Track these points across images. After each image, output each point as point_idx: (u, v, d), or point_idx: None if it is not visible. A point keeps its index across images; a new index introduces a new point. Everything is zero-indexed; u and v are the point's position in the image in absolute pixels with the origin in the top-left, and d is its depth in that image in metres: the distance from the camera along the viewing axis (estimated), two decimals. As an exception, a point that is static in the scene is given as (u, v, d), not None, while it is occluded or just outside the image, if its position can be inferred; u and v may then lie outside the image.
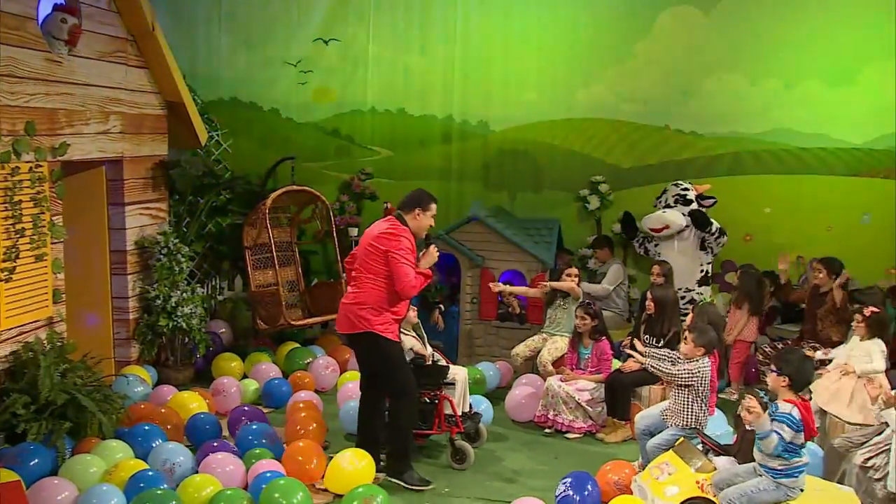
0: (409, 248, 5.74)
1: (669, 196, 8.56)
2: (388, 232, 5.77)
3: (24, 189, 6.09)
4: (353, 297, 5.82)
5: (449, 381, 6.30)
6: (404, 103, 9.75)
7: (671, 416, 5.81)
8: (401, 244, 5.71)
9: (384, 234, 5.76)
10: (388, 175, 9.80)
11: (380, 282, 5.71)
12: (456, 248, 8.61)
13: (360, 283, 5.79)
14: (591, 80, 9.36)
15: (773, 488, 4.80)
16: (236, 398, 7.10)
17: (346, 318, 5.82)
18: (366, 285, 5.75)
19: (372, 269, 5.73)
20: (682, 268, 8.34)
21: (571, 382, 6.97)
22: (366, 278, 5.75)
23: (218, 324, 8.93)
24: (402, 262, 5.65)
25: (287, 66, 9.87)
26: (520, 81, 9.49)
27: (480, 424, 6.62)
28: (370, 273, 5.73)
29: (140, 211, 7.76)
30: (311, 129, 9.95)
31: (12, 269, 6.03)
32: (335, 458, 5.66)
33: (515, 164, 9.60)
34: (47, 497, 4.98)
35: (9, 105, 6.00)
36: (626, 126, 9.36)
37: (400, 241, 5.72)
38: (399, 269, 5.65)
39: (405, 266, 5.66)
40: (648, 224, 8.50)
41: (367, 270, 5.75)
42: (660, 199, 8.64)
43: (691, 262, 8.48)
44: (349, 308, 5.79)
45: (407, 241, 5.75)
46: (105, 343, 7.58)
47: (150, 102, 7.85)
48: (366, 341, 5.78)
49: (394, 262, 5.65)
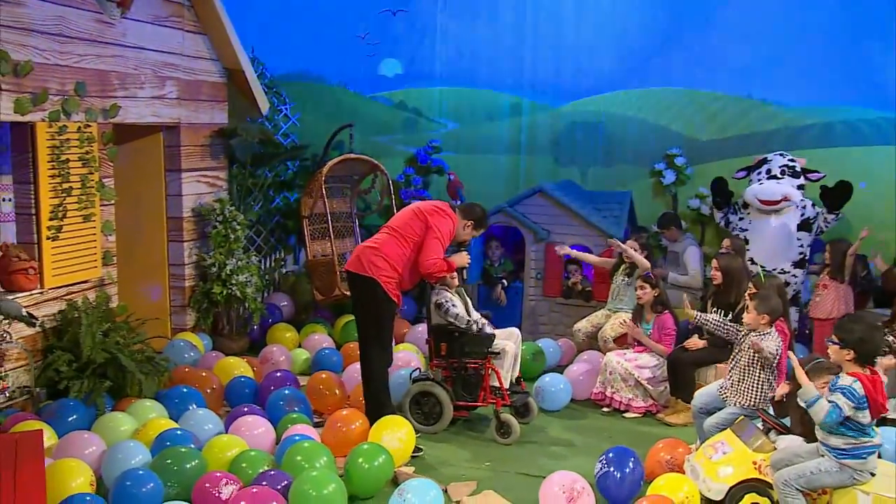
0: (448, 233, 5.81)
1: (775, 167, 7.87)
2: (440, 209, 5.84)
3: (72, 149, 6.08)
4: (373, 241, 5.81)
5: (495, 350, 5.98)
6: (473, 75, 9.46)
7: (731, 394, 5.34)
8: (444, 223, 5.77)
9: (435, 208, 5.83)
10: (455, 149, 9.53)
11: (407, 245, 5.73)
12: (520, 221, 8.28)
13: (387, 234, 5.78)
14: (668, 48, 8.85)
15: (835, 470, 4.30)
16: (285, 367, 6.97)
17: (358, 258, 5.77)
18: (391, 240, 5.74)
19: (406, 231, 5.74)
20: (777, 247, 7.75)
21: (631, 359, 6.55)
22: (395, 235, 5.74)
23: (280, 297, 8.88)
24: (438, 238, 5.69)
25: (355, 38, 9.73)
26: (593, 50, 9.05)
27: (530, 399, 6.29)
28: (404, 232, 5.73)
29: (197, 178, 7.73)
30: (378, 103, 9.77)
31: (59, 228, 6.04)
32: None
33: (587, 138, 9.17)
34: (75, 449, 4.93)
35: (58, 64, 6.00)
36: (705, 96, 8.81)
37: (445, 221, 5.79)
38: (432, 243, 5.68)
39: (439, 243, 5.71)
40: (763, 195, 7.73)
41: (399, 229, 5.75)
42: (759, 172, 7.94)
43: (787, 242, 7.80)
44: (364, 250, 5.78)
45: (450, 225, 5.82)
46: (162, 309, 7.59)
47: (208, 69, 7.81)
48: (366, 287, 5.69)
49: (430, 235, 5.69)
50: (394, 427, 5.39)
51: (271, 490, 4.45)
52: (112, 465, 4.81)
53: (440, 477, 5.30)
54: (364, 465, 4.90)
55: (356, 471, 4.89)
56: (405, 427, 5.43)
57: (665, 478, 4.85)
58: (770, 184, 7.77)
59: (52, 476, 4.55)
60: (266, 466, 4.84)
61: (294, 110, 9.63)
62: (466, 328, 5.96)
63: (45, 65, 5.88)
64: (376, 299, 5.69)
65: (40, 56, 5.84)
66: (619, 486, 4.89)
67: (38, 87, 5.81)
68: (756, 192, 7.81)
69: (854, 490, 4.32)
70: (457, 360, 6.01)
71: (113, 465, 4.81)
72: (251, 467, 4.81)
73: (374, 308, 5.73)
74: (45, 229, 5.94)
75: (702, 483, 4.82)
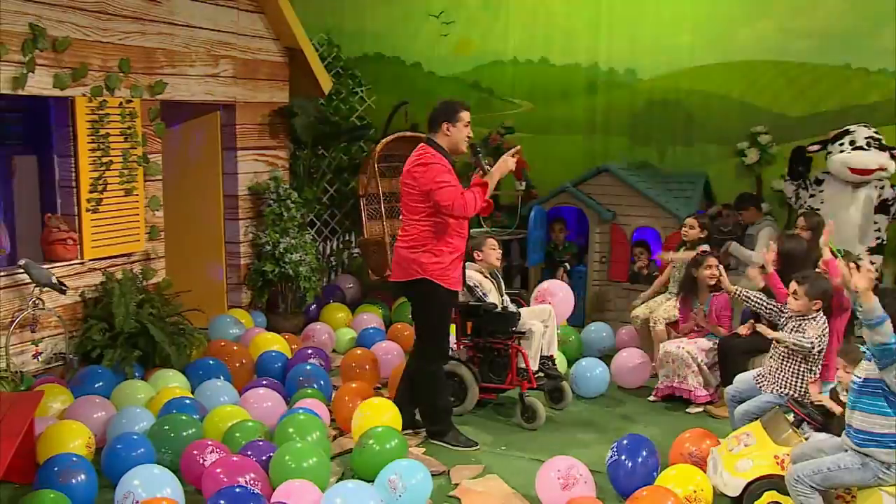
0: (445, 172, 5.01)
1: (859, 138, 7.12)
2: (418, 164, 5.06)
3: (112, 123, 6.22)
4: (402, 241, 5.22)
5: (520, 330, 5.67)
6: (546, 52, 9.10)
7: (767, 382, 4.84)
8: (434, 171, 4.98)
9: (414, 168, 5.08)
10: (528, 129, 9.19)
11: (424, 220, 5.08)
12: (583, 202, 7.90)
13: (407, 225, 5.20)
14: (755, 16, 8.20)
15: (857, 466, 3.77)
16: (327, 345, 6.90)
17: (397, 264, 5.24)
18: (413, 228, 5.14)
19: (413, 209, 5.12)
20: (853, 228, 7.04)
21: (692, 341, 6.06)
22: (410, 219, 5.16)
23: (347, 278, 8.86)
24: (440, 187, 4.93)
25: (429, 17, 9.58)
26: (672, 22, 8.51)
27: (564, 383, 5.94)
28: (413, 214, 5.13)
29: (255, 157, 7.79)
30: (452, 83, 9.56)
31: (99, 201, 6.19)
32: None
33: (665, 116, 8.62)
34: (83, 413, 5.02)
35: (99, 41, 6.15)
36: (797, 67, 8.10)
37: (430, 169, 5.00)
38: (441, 195, 4.92)
39: (446, 187, 4.94)
40: (854, 163, 7.00)
41: (409, 211, 5.16)
42: (841, 143, 7.19)
43: (865, 223, 7.12)
44: (400, 253, 5.20)
45: (441, 167, 5.01)
46: (219, 286, 7.69)
47: (267, 48, 7.85)
48: (419, 288, 5.15)
49: (434, 195, 4.95)
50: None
51: (251, 460, 4.36)
52: (115, 429, 4.86)
53: (451, 459, 5.07)
54: (374, 447, 4.67)
55: (365, 452, 4.68)
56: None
57: (677, 468, 4.43)
58: (859, 153, 7.05)
59: (53, 436, 4.66)
60: (259, 437, 4.76)
61: (370, 92, 9.61)
62: (491, 308, 5.68)
63: (86, 41, 6.04)
64: (434, 298, 5.15)
65: (80, 32, 5.99)
66: (630, 475, 4.50)
67: (78, 62, 5.96)
68: (846, 159, 7.04)
69: (879, 491, 3.78)
70: (482, 339, 5.74)
71: (116, 429, 4.85)
72: (244, 437, 4.74)
73: (436, 308, 5.21)
74: (85, 202, 6.10)
75: (718, 477, 4.37)
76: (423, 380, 5.36)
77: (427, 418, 5.45)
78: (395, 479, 4.21)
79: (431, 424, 5.41)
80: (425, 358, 5.34)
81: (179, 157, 7.55)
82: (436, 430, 5.38)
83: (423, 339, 5.37)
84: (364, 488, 4.01)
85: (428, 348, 5.32)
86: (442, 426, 5.36)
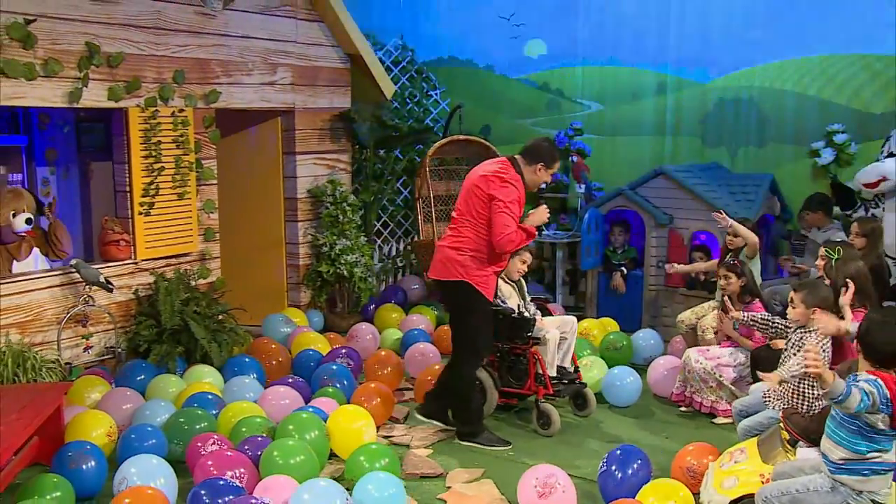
0: (516, 199, 5.11)
1: (893, 143, 6.78)
2: (497, 175, 5.15)
3: (164, 131, 6.59)
4: (451, 240, 5.27)
5: (536, 336, 5.63)
6: (615, 53, 8.95)
7: (773, 397, 4.62)
8: (508, 191, 5.08)
9: (492, 175, 5.15)
10: (597, 131, 9.07)
11: (482, 228, 5.13)
12: (640, 206, 7.71)
13: (460, 226, 5.24)
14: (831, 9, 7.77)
15: (826, 489, 3.58)
16: (371, 345, 7.06)
17: (441, 262, 5.30)
18: (466, 230, 5.18)
19: (473, 213, 5.15)
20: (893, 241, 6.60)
21: (713, 357, 5.85)
22: (466, 222, 5.19)
23: (412, 280, 9.01)
24: (505, 210, 5.02)
25: (501, 20, 9.59)
26: (745, 17, 8.18)
27: (587, 390, 5.85)
28: (471, 217, 5.16)
29: (314, 161, 8.05)
30: (522, 85, 9.55)
31: (151, 205, 6.58)
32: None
33: (737, 116, 8.31)
34: (113, 404, 5.36)
35: (153, 55, 6.53)
36: (883, 60, 7.60)
37: (507, 188, 5.09)
38: (499, 218, 5.02)
39: (507, 216, 5.02)
40: (862, 178, 6.75)
41: (467, 213, 5.19)
42: (881, 152, 6.87)
43: None
44: (445, 252, 5.27)
45: (515, 191, 5.12)
46: (279, 286, 8.01)
47: (327, 55, 8.08)
48: (458, 291, 5.24)
49: (496, 209, 5.04)
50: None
51: (243, 455, 4.56)
52: (137, 420, 5.18)
53: (453, 463, 5.11)
54: (365, 465, 4.63)
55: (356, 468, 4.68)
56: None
57: (660, 482, 4.31)
58: (874, 164, 6.71)
59: (78, 424, 5.00)
60: (264, 433, 4.95)
61: (444, 95, 9.75)
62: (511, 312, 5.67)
63: (140, 55, 6.42)
64: (473, 303, 5.21)
65: (135, 48, 6.38)
66: (618, 486, 4.42)
67: (132, 75, 6.36)
68: (857, 177, 6.87)
69: (849, 518, 3.56)
70: (501, 344, 5.74)
71: (138, 420, 5.17)
72: (249, 432, 4.94)
73: (474, 314, 5.27)
74: (137, 205, 6.50)
75: (707, 493, 4.22)
76: (457, 382, 5.43)
77: (459, 419, 5.51)
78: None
79: (463, 425, 5.47)
80: (460, 360, 5.42)
81: (242, 161, 7.90)
82: (467, 431, 5.44)
83: (457, 341, 5.44)
84: (333, 486, 4.11)
85: (462, 351, 5.39)
86: (474, 427, 5.43)
